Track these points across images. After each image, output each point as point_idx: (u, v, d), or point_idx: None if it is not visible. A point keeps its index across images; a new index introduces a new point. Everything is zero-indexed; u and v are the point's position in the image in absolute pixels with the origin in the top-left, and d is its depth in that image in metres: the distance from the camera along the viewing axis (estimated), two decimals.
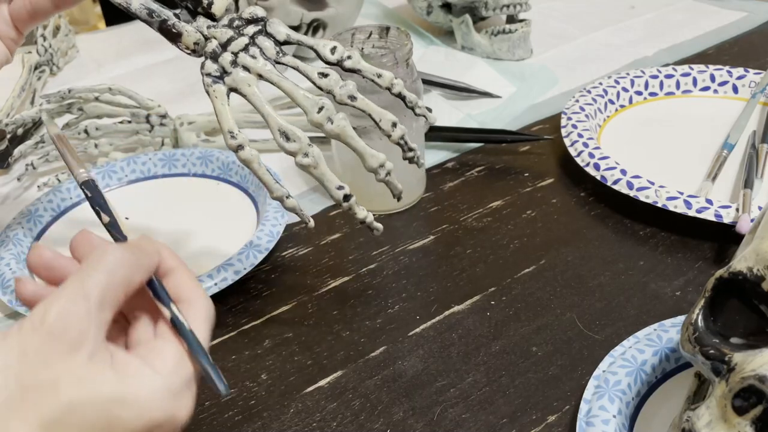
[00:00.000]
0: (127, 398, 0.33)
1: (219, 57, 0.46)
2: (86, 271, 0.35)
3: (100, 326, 0.34)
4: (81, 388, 0.33)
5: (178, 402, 0.35)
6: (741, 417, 0.36)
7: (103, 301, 0.34)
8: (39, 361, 0.32)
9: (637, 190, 0.64)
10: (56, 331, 0.33)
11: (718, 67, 0.84)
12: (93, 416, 0.33)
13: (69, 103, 0.76)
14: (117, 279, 0.35)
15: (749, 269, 0.39)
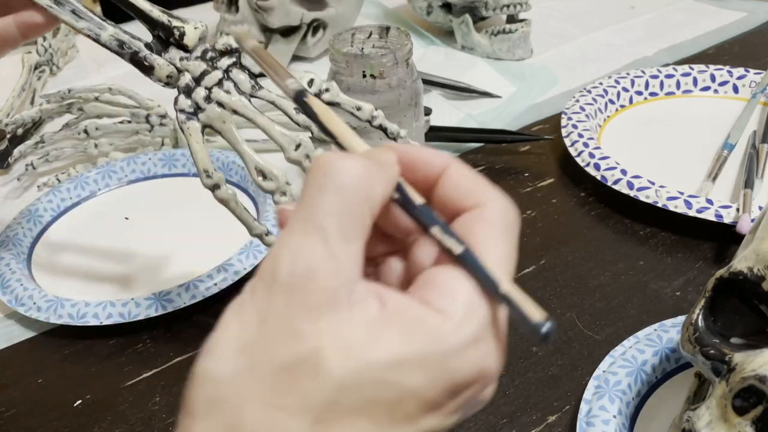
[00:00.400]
0: (415, 358, 0.25)
1: (192, 92, 0.43)
2: (310, 195, 0.27)
3: (352, 264, 0.26)
4: (350, 354, 0.25)
5: (480, 351, 0.26)
6: (741, 417, 0.35)
7: (345, 231, 0.26)
8: (285, 330, 0.25)
9: (638, 190, 0.64)
10: (296, 285, 0.25)
11: (719, 67, 0.84)
12: (375, 390, 0.25)
13: (69, 103, 0.76)
14: (355, 201, 0.27)
15: (749, 269, 0.39)
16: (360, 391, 0.25)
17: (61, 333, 0.58)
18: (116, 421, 0.51)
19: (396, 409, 0.25)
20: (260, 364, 0.25)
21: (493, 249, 0.27)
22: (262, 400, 0.25)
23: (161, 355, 0.55)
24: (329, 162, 0.27)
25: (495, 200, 0.28)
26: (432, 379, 0.25)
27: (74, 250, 0.66)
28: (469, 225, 0.28)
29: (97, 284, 0.62)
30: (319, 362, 0.24)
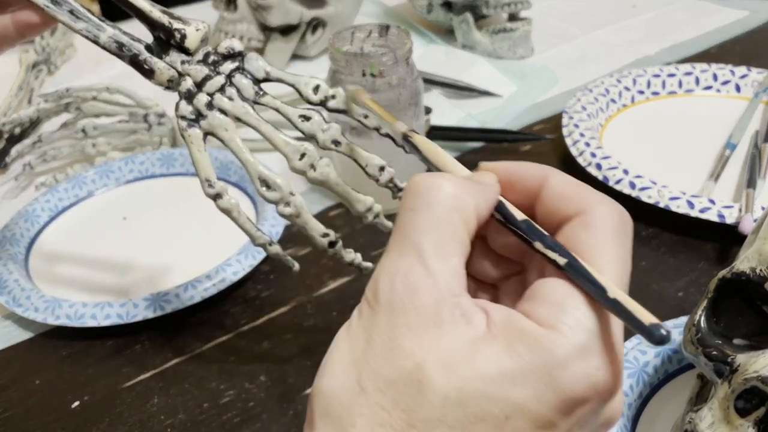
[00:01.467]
0: (520, 372, 0.25)
1: (194, 98, 0.42)
2: (403, 216, 0.27)
3: (450, 279, 0.26)
4: (453, 369, 0.25)
5: (592, 363, 0.25)
6: (743, 419, 0.35)
7: (440, 247, 0.26)
8: (388, 347, 0.25)
9: (640, 190, 0.64)
10: (396, 304, 0.26)
11: (721, 66, 0.84)
12: (480, 406, 0.24)
13: (67, 102, 0.75)
14: (447, 215, 0.27)
15: (752, 270, 0.38)
16: (465, 407, 0.24)
17: (58, 334, 0.57)
18: (114, 422, 0.50)
19: (504, 426, 0.25)
20: (366, 381, 0.25)
21: (602, 255, 0.27)
22: (368, 416, 0.25)
23: (159, 356, 0.55)
24: (420, 182, 0.28)
25: (598, 204, 0.28)
26: (540, 393, 0.25)
27: (72, 251, 0.66)
28: (574, 233, 0.28)
29: (95, 285, 0.62)
30: (422, 378, 0.25)
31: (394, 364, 0.25)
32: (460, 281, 0.27)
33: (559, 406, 0.25)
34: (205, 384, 0.53)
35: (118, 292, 0.61)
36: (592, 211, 0.28)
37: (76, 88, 0.75)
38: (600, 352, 0.25)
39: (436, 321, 0.25)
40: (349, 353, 0.26)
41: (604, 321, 0.26)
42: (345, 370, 0.26)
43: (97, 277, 0.63)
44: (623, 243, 0.27)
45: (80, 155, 0.77)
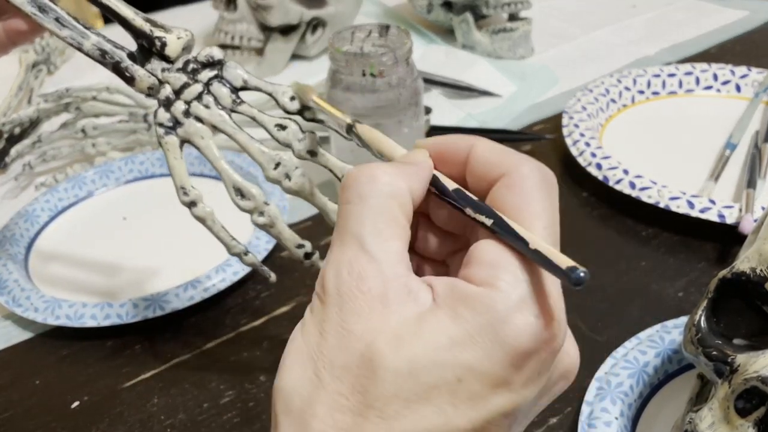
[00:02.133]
0: (466, 334, 0.25)
1: (171, 105, 0.42)
2: (340, 210, 0.29)
3: (394, 262, 0.27)
4: (403, 344, 0.25)
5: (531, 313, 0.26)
6: (743, 419, 0.35)
7: (379, 232, 0.27)
8: (340, 335, 0.26)
9: (640, 190, 0.64)
10: (345, 293, 0.27)
11: (721, 66, 0.84)
12: (432, 373, 0.25)
13: (66, 102, 0.75)
14: (383, 202, 0.28)
15: (752, 270, 0.38)
16: (417, 377, 0.25)
17: (58, 334, 0.57)
18: (114, 422, 0.50)
19: (458, 390, 0.25)
20: (322, 371, 0.26)
21: (526, 210, 0.28)
22: (327, 404, 0.26)
23: (159, 356, 0.55)
24: (353, 175, 0.29)
25: (519, 164, 0.29)
26: (488, 351, 0.25)
27: (72, 251, 0.66)
28: (500, 195, 0.29)
29: (94, 285, 0.62)
30: (374, 357, 0.25)
31: (347, 349, 0.26)
32: (404, 263, 0.27)
33: (509, 360, 0.25)
34: (205, 384, 0.53)
35: (117, 292, 0.61)
36: (514, 172, 0.29)
37: (75, 88, 0.75)
38: (537, 302, 0.26)
39: (384, 303, 0.26)
40: (305, 348, 0.27)
41: (536, 274, 0.27)
42: (302, 365, 0.27)
43: (97, 277, 0.63)
44: (547, 196, 0.28)
45: (80, 155, 0.77)
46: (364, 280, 0.27)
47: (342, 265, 0.27)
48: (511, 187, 0.28)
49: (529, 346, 0.26)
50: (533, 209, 0.28)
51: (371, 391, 0.25)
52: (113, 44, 0.43)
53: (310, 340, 0.27)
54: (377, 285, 0.26)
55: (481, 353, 0.25)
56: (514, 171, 0.29)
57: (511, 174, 0.29)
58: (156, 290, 0.58)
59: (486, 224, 0.28)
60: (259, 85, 0.43)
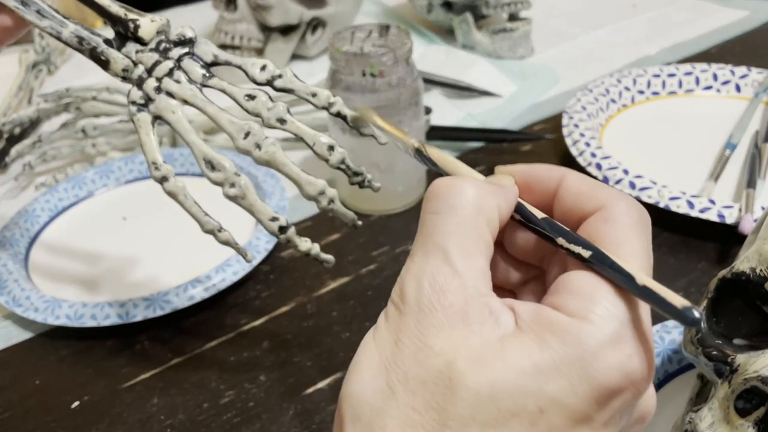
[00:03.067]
0: (553, 364, 0.24)
1: (144, 83, 0.43)
2: (426, 219, 0.28)
3: (477, 279, 0.27)
4: (485, 365, 0.25)
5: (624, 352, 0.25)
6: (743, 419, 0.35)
7: (465, 248, 0.27)
8: (417, 348, 0.25)
9: (640, 190, 0.64)
10: (424, 305, 0.26)
11: (721, 66, 0.84)
12: (513, 400, 0.24)
13: (66, 102, 0.75)
14: (471, 217, 0.27)
15: (752, 270, 0.38)
16: (497, 402, 0.24)
17: (58, 334, 0.57)
18: (114, 423, 0.50)
19: (539, 421, 0.24)
20: (396, 383, 0.25)
21: (625, 246, 0.27)
22: (399, 417, 0.25)
23: (159, 356, 0.55)
24: (441, 185, 0.28)
25: (617, 199, 0.28)
26: (575, 385, 0.24)
27: (72, 251, 0.66)
28: (594, 228, 0.28)
29: (94, 285, 0.62)
30: (453, 376, 0.24)
31: (424, 364, 0.25)
32: (487, 282, 0.27)
33: (595, 397, 0.25)
34: (205, 384, 0.53)
35: (117, 292, 0.61)
36: (612, 206, 0.28)
37: (75, 88, 0.75)
38: (631, 340, 0.25)
39: (465, 320, 0.25)
40: (378, 356, 0.26)
41: (633, 310, 0.26)
42: (374, 373, 0.26)
43: (96, 277, 0.63)
44: (644, 235, 0.28)
45: (80, 155, 0.77)
46: (445, 294, 0.26)
47: (424, 276, 0.26)
48: (609, 222, 0.28)
49: (618, 385, 0.25)
50: (632, 247, 0.27)
51: (448, 410, 0.24)
52: (90, 31, 0.44)
53: (385, 349, 0.26)
54: (459, 301, 0.26)
55: (567, 386, 0.24)
56: (612, 205, 0.28)
57: (610, 208, 0.28)
58: (156, 290, 0.58)
59: (582, 256, 0.27)
60: (229, 59, 0.44)
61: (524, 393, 0.24)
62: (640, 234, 0.27)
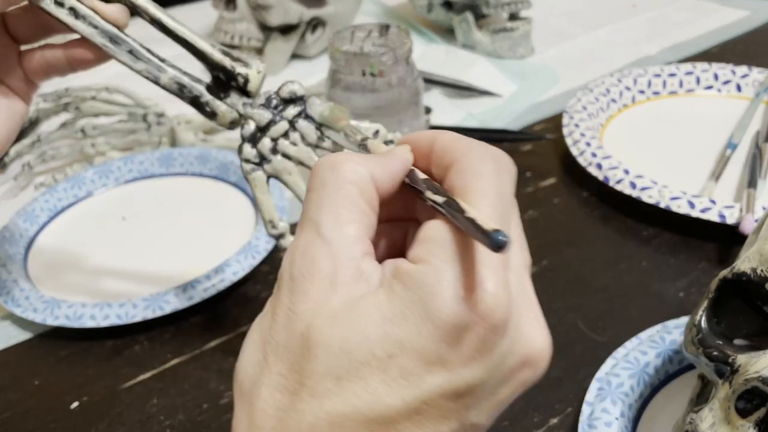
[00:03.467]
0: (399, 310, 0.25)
1: (258, 142, 0.43)
2: (306, 198, 0.29)
3: (349, 245, 0.27)
4: (339, 323, 0.26)
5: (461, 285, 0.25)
6: (744, 419, 0.35)
7: (335, 217, 0.28)
8: (287, 316, 0.27)
9: (640, 190, 0.64)
10: (298, 276, 0.27)
11: (722, 66, 0.83)
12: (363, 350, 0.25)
13: (66, 102, 0.75)
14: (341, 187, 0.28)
15: (753, 270, 0.38)
16: (349, 354, 0.25)
17: (58, 335, 0.57)
18: (113, 423, 0.50)
19: (389, 367, 0.25)
20: (269, 353, 0.27)
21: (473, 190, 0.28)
22: (270, 384, 0.26)
23: (159, 357, 0.55)
24: (318, 163, 0.29)
25: (471, 148, 0.29)
26: (417, 325, 0.25)
27: (71, 251, 0.66)
28: (451, 178, 0.29)
29: (94, 285, 0.62)
30: (310, 336, 0.26)
31: (290, 329, 0.26)
32: (360, 246, 0.28)
33: (441, 335, 0.25)
34: (204, 384, 0.53)
35: (117, 292, 0.60)
36: (465, 157, 0.29)
37: (75, 88, 0.75)
38: (473, 276, 0.25)
39: (333, 284, 0.26)
40: (259, 332, 0.28)
41: (472, 249, 0.26)
42: (254, 348, 0.28)
43: (96, 277, 0.63)
44: (494, 177, 0.28)
45: (79, 155, 0.77)
46: (315, 262, 0.27)
47: (297, 248, 0.28)
48: (460, 171, 0.29)
49: (460, 321, 0.25)
50: (479, 188, 0.28)
51: (306, 369, 0.25)
52: (190, 77, 0.43)
53: (264, 324, 0.28)
54: (327, 266, 0.27)
55: (411, 328, 0.25)
56: (465, 156, 0.29)
57: (463, 159, 0.29)
58: (156, 290, 0.58)
59: (438, 202, 0.28)
60: None
61: (372, 341, 0.25)
62: (490, 176, 0.28)
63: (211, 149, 0.74)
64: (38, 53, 0.44)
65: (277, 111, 0.43)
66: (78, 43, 0.44)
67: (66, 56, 0.44)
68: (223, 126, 0.44)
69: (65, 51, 0.44)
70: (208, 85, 0.43)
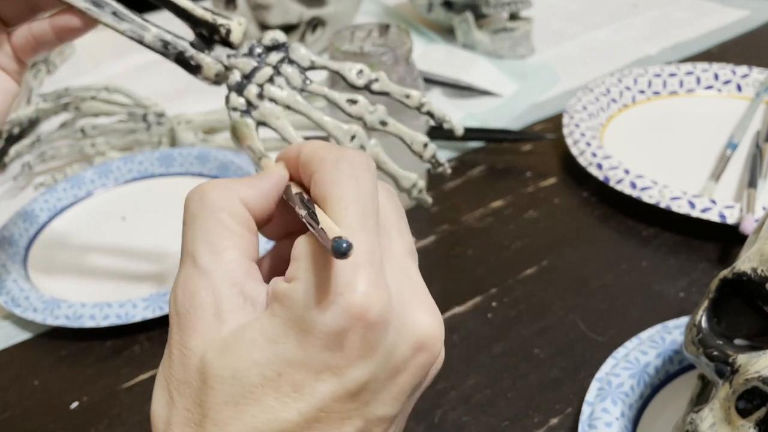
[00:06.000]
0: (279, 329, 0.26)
1: (244, 89, 0.44)
2: (182, 231, 0.30)
3: (228, 273, 0.28)
4: (229, 352, 0.26)
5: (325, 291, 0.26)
6: (745, 419, 0.35)
7: (211, 246, 0.28)
8: (180, 353, 0.28)
9: (640, 190, 0.64)
10: (184, 311, 0.28)
11: (722, 66, 0.83)
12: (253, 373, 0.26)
13: (65, 102, 0.75)
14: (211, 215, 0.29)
15: (753, 270, 0.38)
16: (242, 380, 0.26)
17: (57, 335, 0.57)
18: (113, 423, 0.50)
19: (280, 385, 0.26)
20: (173, 391, 0.27)
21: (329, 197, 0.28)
22: (179, 421, 0.27)
23: (158, 357, 0.54)
24: (187, 196, 0.30)
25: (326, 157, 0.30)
26: (298, 340, 0.26)
27: (71, 251, 0.66)
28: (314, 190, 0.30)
29: (94, 285, 0.62)
30: (204, 369, 0.26)
31: (185, 366, 0.27)
32: (241, 270, 0.28)
33: (321, 344, 0.26)
34: None
35: (117, 292, 0.60)
36: (321, 166, 0.30)
37: (74, 88, 0.75)
38: (335, 281, 0.26)
39: (217, 314, 0.27)
40: (162, 373, 0.29)
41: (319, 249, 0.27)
42: (161, 389, 0.28)
43: (96, 277, 0.63)
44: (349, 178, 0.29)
45: (79, 155, 0.77)
46: (195, 295, 0.27)
47: (178, 285, 0.28)
48: (318, 181, 0.29)
49: (337, 326, 0.26)
50: (335, 194, 0.28)
51: (206, 402, 0.26)
52: (173, 35, 0.44)
53: (164, 364, 0.28)
54: (209, 298, 0.27)
55: (294, 344, 0.26)
56: (321, 165, 0.30)
57: (319, 169, 0.30)
58: (155, 290, 0.58)
59: (302, 215, 0.28)
60: (326, 64, 0.45)
61: (260, 364, 0.26)
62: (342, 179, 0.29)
63: (211, 149, 0.74)
64: (25, 29, 0.44)
65: (260, 58, 0.44)
66: (63, 12, 0.44)
67: (52, 27, 0.44)
68: (208, 80, 0.44)
69: (51, 21, 0.44)
70: (191, 42, 0.44)
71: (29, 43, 0.45)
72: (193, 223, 0.29)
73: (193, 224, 0.29)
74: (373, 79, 0.45)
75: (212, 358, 0.26)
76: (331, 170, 0.29)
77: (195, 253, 0.28)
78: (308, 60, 0.45)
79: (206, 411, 0.26)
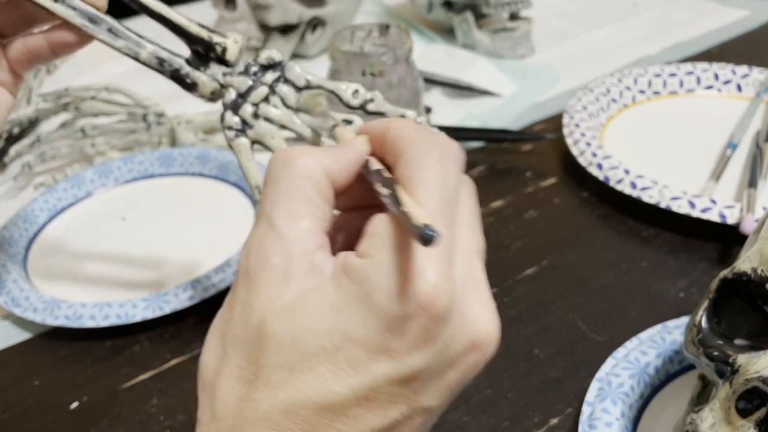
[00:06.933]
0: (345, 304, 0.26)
1: (239, 109, 0.44)
2: (262, 192, 0.30)
3: (302, 240, 0.28)
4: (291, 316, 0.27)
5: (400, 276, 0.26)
6: (745, 419, 0.35)
7: (289, 212, 0.28)
8: (243, 311, 0.28)
9: (641, 190, 0.64)
10: (253, 271, 0.28)
11: (722, 66, 0.83)
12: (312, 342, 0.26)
13: (65, 102, 0.75)
14: (295, 182, 0.29)
15: (753, 270, 0.38)
16: (299, 346, 0.26)
17: (57, 335, 0.57)
18: (113, 423, 0.50)
19: (337, 357, 0.26)
20: (228, 346, 0.28)
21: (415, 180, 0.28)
22: (230, 375, 0.28)
23: (158, 357, 0.55)
24: (271, 159, 0.30)
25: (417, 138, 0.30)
26: (363, 318, 0.26)
27: (71, 251, 0.66)
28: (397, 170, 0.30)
29: (93, 285, 0.62)
30: (263, 329, 0.27)
31: (246, 323, 0.28)
32: (314, 240, 0.28)
33: (384, 326, 0.26)
34: None
35: (117, 292, 0.60)
36: (412, 147, 0.29)
37: (74, 88, 0.75)
38: (412, 268, 0.26)
39: (286, 278, 0.27)
40: (219, 326, 0.29)
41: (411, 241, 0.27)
42: (215, 341, 0.29)
43: (96, 277, 0.63)
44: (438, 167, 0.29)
45: (79, 155, 0.77)
46: (269, 257, 0.28)
47: (252, 244, 0.29)
48: (406, 161, 0.29)
49: (402, 312, 0.26)
50: (422, 179, 0.28)
51: (260, 361, 0.27)
52: (169, 52, 0.44)
53: (223, 318, 0.29)
54: (281, 262, 0.28)
55: (357, 320, 0.26)
56: (411, 146, 0.30)
57: (409, 149, 0.29)
58: (155, 290, 0.58)
59: (383, 194, 0.28)
60: (321, 83, 0.45)
61: (320, 334, 0.26)
62: (432, 166, 0.29)
63: (211, 149, 0.74)
64: (20, 42, 0.45)
65: (256, 77, 0.44)
66: (58, 27, 0.44)
67: (47, 42, 0.44)
68: (204, 98, 0.45)
69: (46, 36, 0.44)
70: (187, 59, 0.44)
71: (24, 57, 0.45)
72: (276, 185, 0.29)
73: (274, 187, 0.29)
74: (369, 99, 0.45)
75: (274, 320, 0.27)
76: (421, 153, 0.29)
77: (272, 215, 0.29)
78: (304, 79, 0.44)
79: (260, 370, 0.27)
